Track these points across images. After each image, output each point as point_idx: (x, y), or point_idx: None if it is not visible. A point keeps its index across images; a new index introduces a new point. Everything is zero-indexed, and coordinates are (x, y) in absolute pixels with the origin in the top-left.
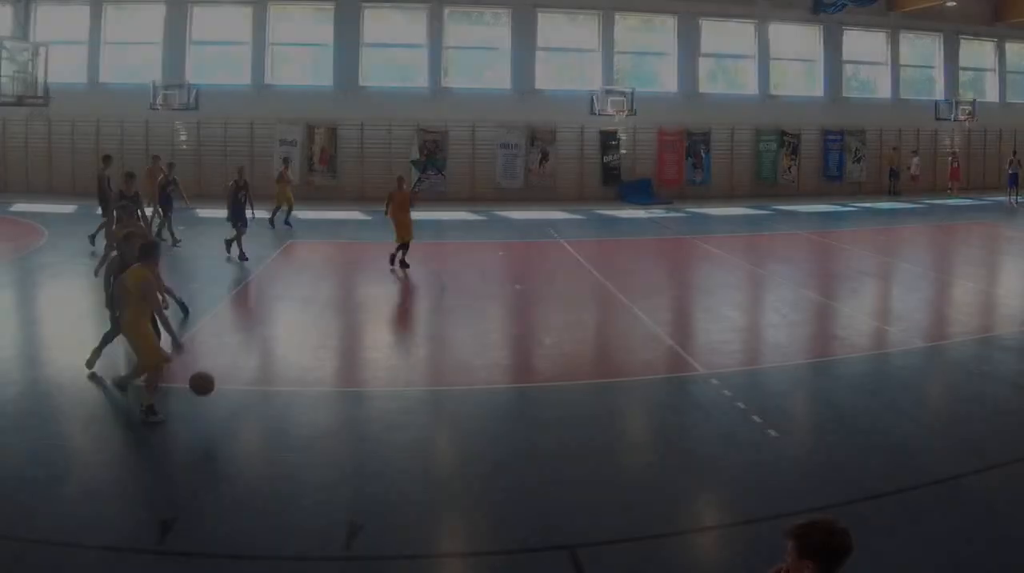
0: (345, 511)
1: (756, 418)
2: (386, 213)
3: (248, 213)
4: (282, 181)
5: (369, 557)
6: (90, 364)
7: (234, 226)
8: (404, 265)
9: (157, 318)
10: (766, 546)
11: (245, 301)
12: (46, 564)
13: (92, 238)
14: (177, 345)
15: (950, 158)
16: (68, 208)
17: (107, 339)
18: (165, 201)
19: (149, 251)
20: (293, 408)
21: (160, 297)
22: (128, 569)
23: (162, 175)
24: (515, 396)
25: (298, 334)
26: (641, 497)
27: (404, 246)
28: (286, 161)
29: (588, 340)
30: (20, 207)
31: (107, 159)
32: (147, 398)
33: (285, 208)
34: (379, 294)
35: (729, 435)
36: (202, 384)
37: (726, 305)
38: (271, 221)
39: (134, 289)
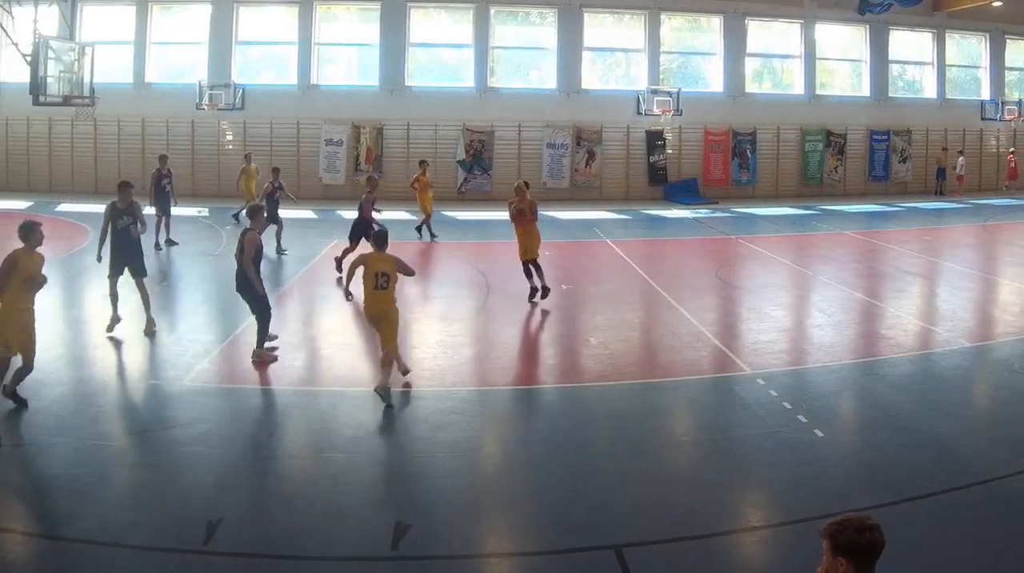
0: (393, 511)
1: (802, 418)
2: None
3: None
4: (421, 186)
5: (417, 557)
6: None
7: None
8: (544, 292)
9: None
10: (812, 546)
11: (288, 301)
12: (91, 564)
13: (156, 245)
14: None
15: (1008, 156)
16: None
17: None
18: (273, 207)
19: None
20: (338, 408)
21: None
22: (174, 570)
23: (268, 184)
24: (561, 396)
25: (344, 334)
26: (687, 496)
27: (534, 263)
28: (423, 163)
29: (634, 340)
30: (66, 207)
31: (163, 159)
32: None
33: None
34: (424, 294)
35: (775, 435)
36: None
37: (772, 305)
38: (419, 230)
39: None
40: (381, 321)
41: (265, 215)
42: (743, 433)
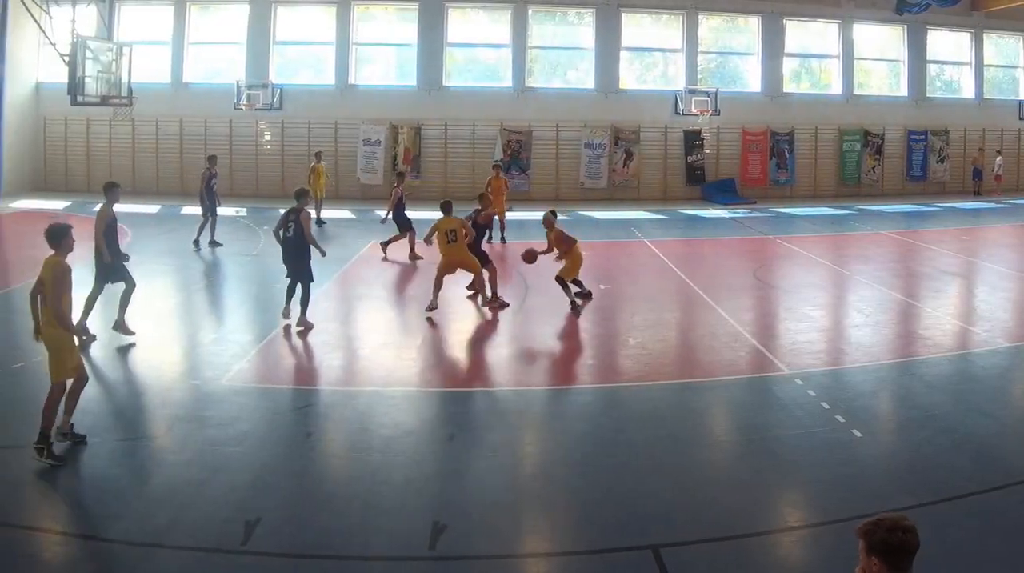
0: (430, 511)
1: (840, 418)
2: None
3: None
4: (495, 190)
5: (454, 557)
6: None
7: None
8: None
9: None
10: (850, 547)
11: (326, 300)
12: (130, 564)
13: (196, 242)
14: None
15: None
16: (152, 208)
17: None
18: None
19: None
20: (376, 408)
21: None
22: (212, 570)
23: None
24: (599, 396)
25: (381, 334)
26: (725, 496)
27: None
28: (498, 166)
29: (672, 340)
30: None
31: (212, 159)
32: None
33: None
34: (460, 294)
35: (813, 435)
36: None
37: (810, 305)
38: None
39: None
40: (462, 264)
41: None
42: (781, 433)
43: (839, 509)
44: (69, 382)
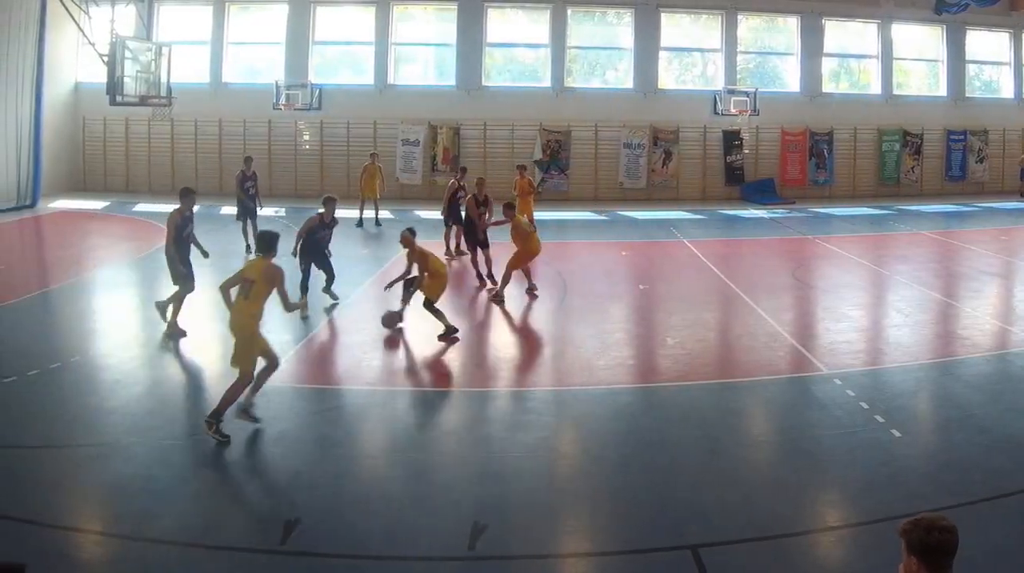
0: (469, 511)
1: (879, 418)
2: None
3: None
4: (521, 191)
5: (494, 557)
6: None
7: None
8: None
9: None
10: (889, 547)
11: (365, 301)
12: (170, 564)
13: (249, 248)
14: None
15: None
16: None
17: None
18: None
19: None
20: (415, 408)
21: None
22: (252, 569)
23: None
24: (638, 396)
25: (421, 334)
26: (764, 496)
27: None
28: (522, 167)
29: (711, 339)
30: (142, 207)
31: (247, 160)
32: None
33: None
34: (504, 295)
35: (852, 435)
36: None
37: (849, 305)
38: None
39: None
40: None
41: None
42: (820, 433)
43: (878, 509)
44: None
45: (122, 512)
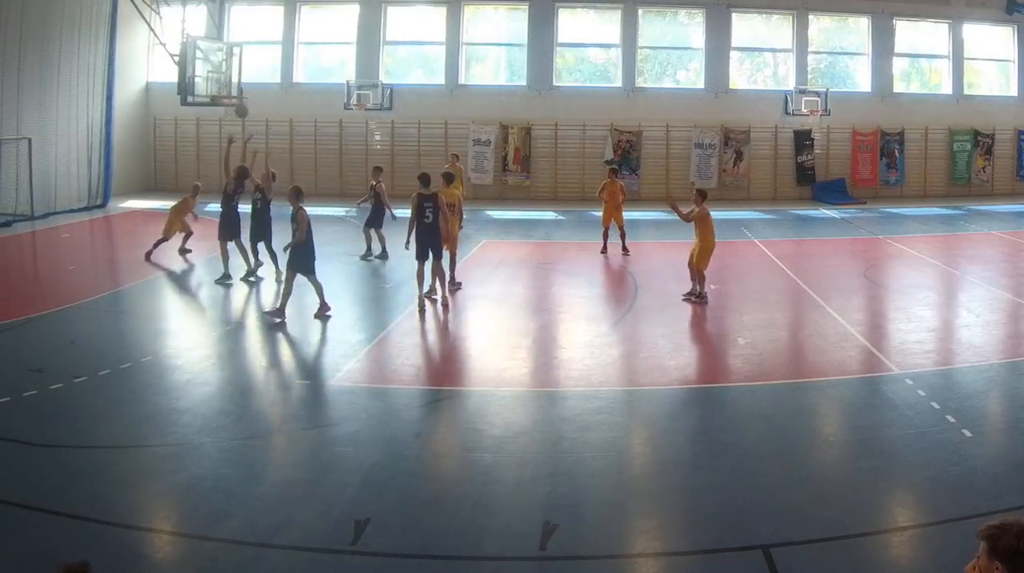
0: (540, 511)
1: (950, 418)
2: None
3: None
4: (610, 195)
5: (565, 557)
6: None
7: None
8: None
9: None
10: (959, 547)
11: (435, 303)
12: (240, 564)
13: (376, 254)
14: None
15: None
16: None
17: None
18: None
19: None
20: (486, 408)
21: None
22: (322, 569)
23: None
24: (709, 396)
25: (491, 333)
26: (835, 496)
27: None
28: (614, 169)
29: (782, 339)
30: (213, 207)
31: (377, 170)
32: None
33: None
34: (571, 294)
35: (923, 435)
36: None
37: (920, 305)
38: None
39: None
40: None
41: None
42: (891, 433)
43: (949, 509)
44: None
45: (193, 512)
